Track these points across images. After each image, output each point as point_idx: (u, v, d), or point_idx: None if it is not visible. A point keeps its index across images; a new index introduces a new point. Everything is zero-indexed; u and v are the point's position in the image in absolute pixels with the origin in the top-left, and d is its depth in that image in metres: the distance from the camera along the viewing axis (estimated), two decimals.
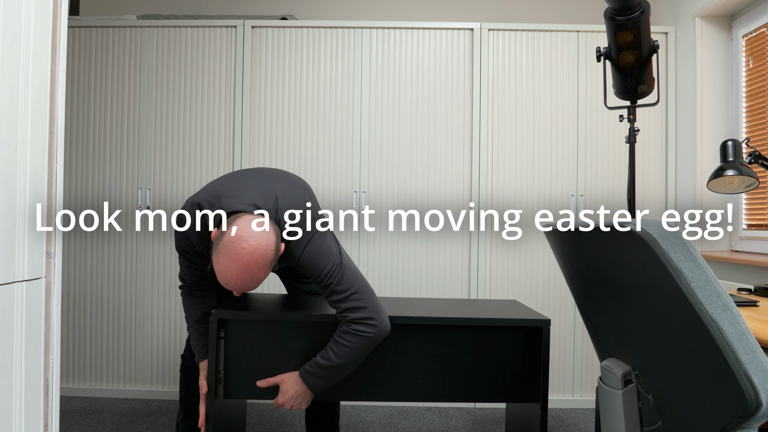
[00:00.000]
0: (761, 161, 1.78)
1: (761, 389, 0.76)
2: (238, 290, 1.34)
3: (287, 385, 1.45)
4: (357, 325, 1.40)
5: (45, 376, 1.12)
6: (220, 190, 1.47)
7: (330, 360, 1.41)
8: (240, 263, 1.28)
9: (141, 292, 2.62)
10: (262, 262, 1.30)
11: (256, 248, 1.29)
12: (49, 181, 1.15)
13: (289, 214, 1.43)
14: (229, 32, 2.64)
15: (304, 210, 1.46)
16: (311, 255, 1.42)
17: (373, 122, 2.61)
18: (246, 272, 1.29)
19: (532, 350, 1.53)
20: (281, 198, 1.45)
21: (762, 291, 1.67)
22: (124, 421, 2.32)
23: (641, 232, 0.83)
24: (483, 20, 3.09)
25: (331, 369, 1.41)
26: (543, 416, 1.45)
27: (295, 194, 1.50)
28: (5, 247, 1.00)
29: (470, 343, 1.52)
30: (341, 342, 1.40)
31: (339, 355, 1.40)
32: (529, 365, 1.53)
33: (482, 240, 2.58)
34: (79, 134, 2.64)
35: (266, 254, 1.30)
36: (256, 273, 1.30)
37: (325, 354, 1.42)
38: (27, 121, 1.07)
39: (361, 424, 2.34)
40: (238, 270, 1.29)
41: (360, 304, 1.40)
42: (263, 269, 1.31)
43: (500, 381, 1.52)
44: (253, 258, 1.28)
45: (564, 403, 2.58)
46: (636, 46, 1.74)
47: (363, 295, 1.41)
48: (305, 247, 1.42)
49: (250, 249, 1.28)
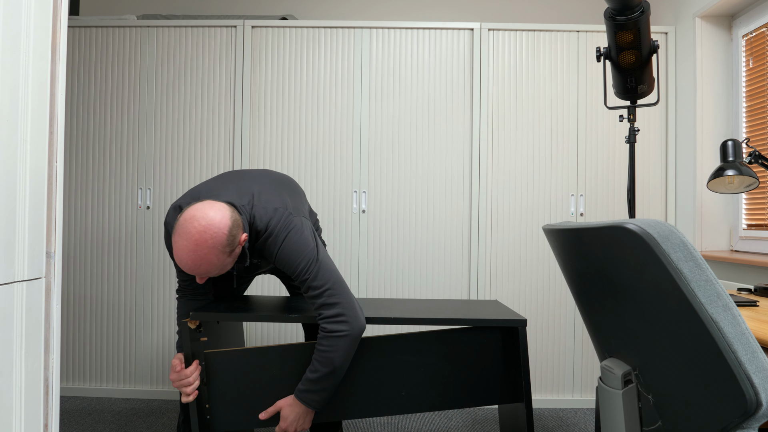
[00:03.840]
0: (761, 161, 1.78)
1: (761, 389, 0.76)
2: (192, 272, 1.34)
3: (286, 409, 1.46)
4: (331, 325, 1.40)
5: (45, 376, 1.12)
6: (200, 191, 1.51)
7: (318, 371, 1.41)
8: (189, 241, 1.29)
9: (141, 292, 2.62)
10: (211, 244, 1.30)
11: (206, 228, 1.29)
12: (49, 181, 1.15)
13: (263, 209, 1.45)
14: (229, 32, 2.64)
15: (280, 207, 1.47)
16: (287, 251, 1.44)
17: (373, 122, 2.61)
18: (195, 251, 1.29)
19: (512, 351, 1.53)
20: (257, 195, 1.48)
21: (762, 291, 1.67)
22: (124, 421, 2.32)
23: (641, 232, 0.83)
24: (483, 20, 3.09)
25: (322, 380, 1.42)
26: (528, 415, 1.45)
27: (273, 192, 1.51)
28: (5, 247, 1.00)
29: (448, 347, 1.51)
30: (322, 350, 1.41)
31: (324, 363, 1.40)
32: (511, 366, 1.53)
33: (482, 240, 2.58)
34: (79, 134, 2.64)
35: (216, 236, 1.30)
36: (206, 255, 1.30)
37: (312, 367, 1.43)
38: (27, 121, 1.07)
39: (361, 423, 2.34)
40: (188, 248, 1.29)
41: (333, 300, 1.41)
42: (214, 252, 1.31)
43: (484, 384, 1.52)
44: (202, 238, 1.29)
45: (564, 403, 2.58)
46: (636, 46, 1.74)
47: (336, 291, 1.42)
48: (282, 243, 1.44)
49: (199, 228, 1.29)
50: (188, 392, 1.45)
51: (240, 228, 1.38)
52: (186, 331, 1.45)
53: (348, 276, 2.60)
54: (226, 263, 1.37)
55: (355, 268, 2.60)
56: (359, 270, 2.59)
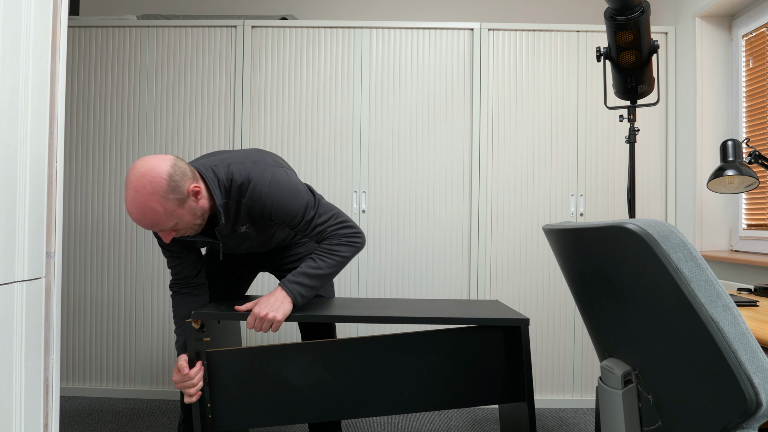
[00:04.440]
0: (761, 161, 1.78)
1: (761, 389, 0.76)
2: (142, 223, 1.32)
3: (263, 298, 1.46)
4: (349, 238, 1.51)
5: (45, 376, 1.12)
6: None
7: (320, 269, 1.47)
8: (130, 189, 1.28)
9: (141, 292, 2.62)
10: (150, 189, 1.27)
11: (144, 174, 1.28)
12: (49, 181, 1.15)
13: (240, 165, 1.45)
14: (229, 32, 2.64)
15: (259, 160, 1.48)
16: (278, 195, 1.45)
17: (373, 122, 2.61)
18: (136, 198, 1.28)
19: (514, 350, 1.53)
20: (234, 157, 1.49)
21: (762, 291, 1.67)
22: (124, 421, 2.32)
23: (641, 233, 0.83)
24: (483, 20, 3.09)
25: (319, 278, 1.48)
26: (531, 415, 1.45)
27: (254, 154, 1.52)
28: (5, 247, 1.00)
29: (450, 346, 1.51)
30: (336, 251, 1.48)
31: (330, 265, 1.48)
32: (512, 365, 1.53)
33: (482, 240, 2.58)
34: (79, 134, 2.64)
35: (154, 180, 1.28)
36: (146, 200, 1.28)
37: (313, 264, 1.47)
38: (27, 121, 1.07)
39: (360, 423, 2.34)
40: (130, 197, 1.28)
41: (347, 223, 1.53)
42: (155, 197, 1.28)
43: (486, 383, 1.52)
44: (140, 183, 1.27)
45: (564, 403, 2.58)
46: (636, 46, 1.74)
47: (345, 217, 1.54)
48: (269, 188, 1.44)
49: (137, 175, 1.28)
50: (191, 393, 1.44)
51: (187, 177, 1.34)
52: (191, 331, 1.45)
53: (348, 276, 2.60)
54: (178, 214, 1.34)
55: (355, 268, 2.60)
56: (359, 270, 2.59)
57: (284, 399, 1.51)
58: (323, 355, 1.50)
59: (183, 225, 1.38)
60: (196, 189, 1.36)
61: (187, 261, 1.58)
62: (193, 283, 1.61)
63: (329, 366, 1.51)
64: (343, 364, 1.50)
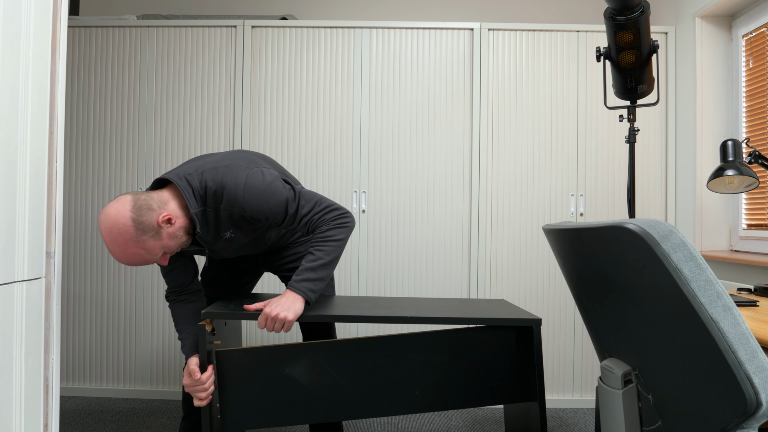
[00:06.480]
0: (761, 161, 1.78)
1: (761, 389, 0.76)
2: (131, 264, 1.36)
3: (274, 300, 1.44)
4: (337, 220, 1.50)
5: (45, 376, 1.12)
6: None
7: (320, 259, 1.46)
8: (107, 242, 1.32)
9: (141, 292, 2.62)
10: (123, 239, 1.30)
11: (111, 227, 1.30)
12: (49, 182, 1.15)
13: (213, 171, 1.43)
14: (229, 32, 2.64)
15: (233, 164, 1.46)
16: (255, 195, 1.42)
17: (373, 122, 2.61)
18: (116, 250, 1.32)
19: (525, 350, 1.52)
20: (208, 163, 1.46)
21: (762, 291, 1.67)
22: (124, 421, 2.32)
23: (641, 232, 0.83)
24: (483, 20, 3.09)
25: (322, 268, 1.46)
26: (542, 414, 1.44)
27: (229, 158, 1.50)
28: (5, 247, 1.00)
29: (461, 346, 1.51)
30: (329, 237, 1.47)
31: (328, 251, 1.47)
32: (523, 365, 1.52)
33: (482, 240, 2.58)
34: (79, 134, 2.64)
35: (122, 230, 1.29)
36: (125, 248, 1.31)
37: (312, 257, 1.46)
38: (27, 121, 1.07)
39: (361, 423, 2.34)
40: (111, 249, 1.32)
41: (331, 206, 1.51)
42: (131, 243, 1.31)
43: (496, 383, 1.51)
44: (111, 236, 1.30)
45: (564, 403, 2.58)
46: (636, 46, 1.74)
47: (329, 202, 1.52)
48: (243, 189, 1.41)
49: (105, 228, 1.31)
50: (202, 397, 1.43)
51: (149, 210, 1.34)
52: (203, 333, 1.44)
53: (348, 276, 2.60)
54: (160, 245, 1.35)
55: (355, 268, 2.60)
56: (359, 270, 2.59)
57: (293, 399, 1.50)
58: (333, 355, 1.49)
59: (171, 249, 1.40)
60: (166, 217, 1.36)
61: (179, 266, 1.58)
62: (189, 290, 1.61)
63: (339, 366, 1.49)
64: (353, 364, 1.49)
